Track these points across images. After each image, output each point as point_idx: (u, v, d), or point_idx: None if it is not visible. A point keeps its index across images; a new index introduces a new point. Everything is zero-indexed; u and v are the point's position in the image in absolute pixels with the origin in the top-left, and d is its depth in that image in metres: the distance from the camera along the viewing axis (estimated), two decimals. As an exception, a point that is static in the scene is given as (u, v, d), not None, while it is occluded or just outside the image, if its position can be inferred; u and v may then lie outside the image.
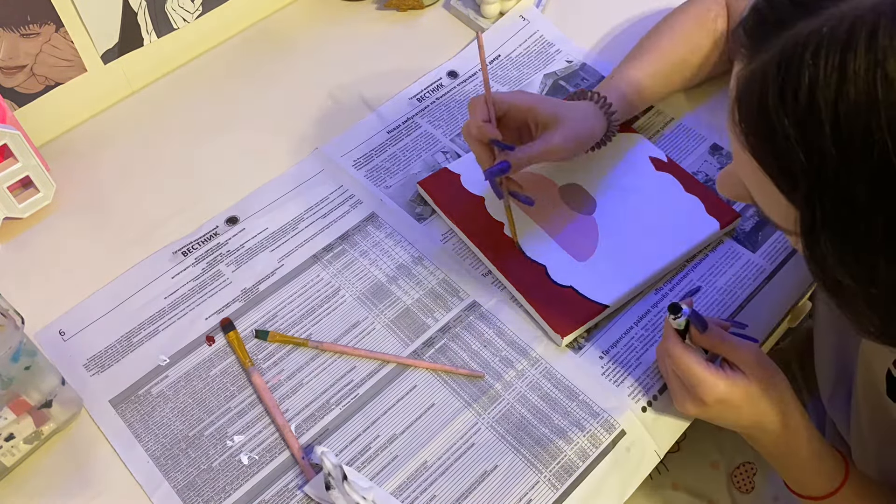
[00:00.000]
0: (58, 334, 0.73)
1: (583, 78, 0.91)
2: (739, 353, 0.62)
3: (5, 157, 0.76)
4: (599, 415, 0.67)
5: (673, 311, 0.62)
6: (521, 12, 0.97)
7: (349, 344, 0.72)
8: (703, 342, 0.63)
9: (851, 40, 0.37)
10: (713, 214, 0.76)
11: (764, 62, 0.41)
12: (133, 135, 0.88)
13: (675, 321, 0.63)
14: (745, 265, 0.76)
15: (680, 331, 0.63)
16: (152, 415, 0.68)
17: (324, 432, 0.67)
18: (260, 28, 0.98)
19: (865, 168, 0.38)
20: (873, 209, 0.38)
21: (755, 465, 0.82)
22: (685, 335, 0.64)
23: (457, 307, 0.74)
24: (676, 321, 0.63)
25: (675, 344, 0.63)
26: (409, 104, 0.89)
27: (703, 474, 0.84)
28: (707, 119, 0.85)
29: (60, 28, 0.80)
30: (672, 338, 0.64)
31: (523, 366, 0.70)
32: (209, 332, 0.73)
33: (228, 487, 0.65)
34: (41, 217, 0.80)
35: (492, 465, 0.65)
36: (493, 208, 0.78)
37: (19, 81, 0.81)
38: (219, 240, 0.79)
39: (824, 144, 0.38)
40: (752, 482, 0.82)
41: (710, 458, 0.84)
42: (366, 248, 0.78)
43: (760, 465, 0.82)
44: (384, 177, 0.83)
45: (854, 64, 0.37)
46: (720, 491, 0.83)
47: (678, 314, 0.62)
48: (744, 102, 0.43)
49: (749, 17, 0.44)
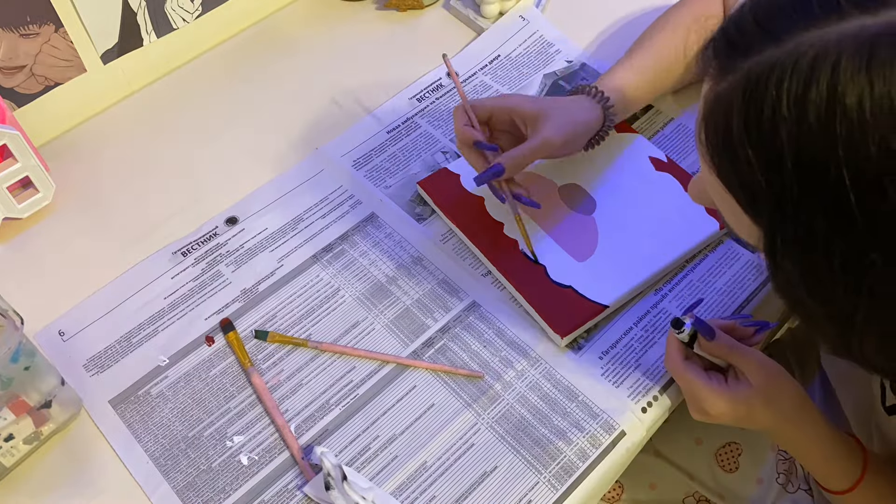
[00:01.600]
0: (57, 335, 0.73)
1: (583, 78, 0.90)
2: (743, 360, 0.63)
3: (5, 157, 0.75)
4: (599, 415, 0.67)
5: (676, 326, 0.63)
6: (520, 12, 0.97)
7: (349, 344, 0.72)
8: (712, 351, 0.64)
9: (813, 74, 0.37)
10: (713, 214, 0.76)
11: (730, 86, 0.42)
12: (133, 135, 0.88)
13: (680, 335, 0.63)
14: (745, 265, 0.76)
15: (686, 342, 0.64)
16: (152, 415, 0.68)
17: (323, 433, 0.67)
18: (260, 28, 0.98)
19: (824, 200, 0.38)
20: (831, 238, 0.39)
21: (741, 445, 0.83)
22: (692, 345, 0.64)
23: (457, 307, 0.74)
24: (681, 335, 0.63)
25: (675, 362, 0.64)
26: (409, 104, 0.89)
27: (687, 449, 0.84)
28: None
29: (60, 28, 0.80)
30: (673, 355, 0.64)
31: (523, 366, 0.70)
32: (209, 333, 0.73)
33: (228, 488, 0.65)
34: (41, 217, 0.80)
35: (491, 466, 0.65)
36: (493, 208, 0.78)
37: (19, 81, 0.81)
38: (218, 240, 0.79)
39: (785, 175, 0.39)
40: (736, 462, 0.82)
41: (694, 433, 0.84)
42: (365, 248, 0.78)
43: (747, 446, 0.83)
44: (384, 177, 0.83)
45: (815, 98, 0.37)
46: (702, 468, 0.83)
47: (681, 329, 0.62)
48: (710, 125, 0.43)
49: (718, 39, 0.45)
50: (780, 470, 0.81)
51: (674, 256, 0.74)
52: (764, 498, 0.80)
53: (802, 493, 0.79)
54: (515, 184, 0.73)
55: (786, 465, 0.81)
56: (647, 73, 0.79)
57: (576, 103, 0.74)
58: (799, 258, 0.41)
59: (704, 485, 0.83)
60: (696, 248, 0.75)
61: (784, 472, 0.81)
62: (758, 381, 0.61)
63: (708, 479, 0.83)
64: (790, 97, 0.38)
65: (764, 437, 0.83)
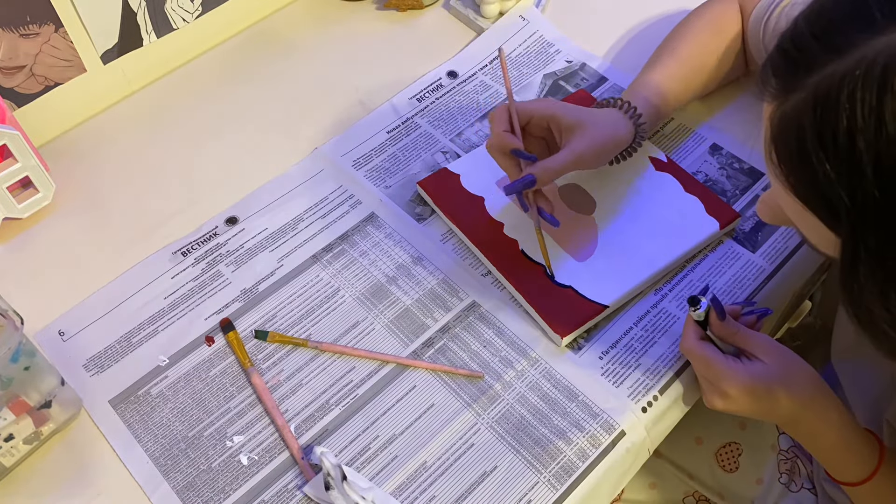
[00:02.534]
0: (57, 334, 0.73)
1: (582, 78, 0.91)
2: (756, 343, 0.63)
3: (5, 157, 0.76)
4: (599, 415, 0.67)
5: (692, 304, 0.63)
6: (520, 12, 0.97)
7: (349, 344, 0.72)
8: (722, 331, 0.64)
9: (886, 82, 0.37)
10: (713, 214, 0.76)
11: (798, 105, 0.42)
12: (133, 135, 0.88)
13: (696, 313, 0.64)
14: (745, 265, 0.76)
15: (700, 323, 0.64)
16: (152, 415, 0.68)
17: (323, 432, 0.67)
18: (260, 28, 0.98)
19: None
20: None
21: (741, 445, 0.83)
22: (705, 327, 0.64)
23: (456, 307, 0.74)
24: (696, 312, 0.63)
25: (692, 341, 0.64)
26: (409, 104, 0.89)
27: (687, 448, 0.84)
28: (707, 119, 0.85)
29: (60, 28, 0.80)
30: (690, 336, 0.65)
31: (523, 366, 0.70)
32: (209, 333, 0.73)
33: (228, 488, 0.65)
34: (41, 217, 0.80)
35: (491, 466, 0.65)
36: (494, 208, 0.78)
37: (19, 81, 0.81)
38: (218, 240, 0.79)
39: (867, 186, 0.39)
40: (736, 462, 0.82)
41: (694, 433, 0.84)
42: (365, 248, 0.78)
43: (747, 446, 0.83)
44: (384, 177, 0.83)
45: (891, 105, 0.37)
46: (702, 467, 0.83)
47: (697, 306, 0.63)
48: (781, 144, 0.43)
49: (776, 58, 0.45)
50: (782, 470, 0.81)
51: (674, 256, 0.74)
52: (766, 497, 0.80)
53: (806, 492, 0.79)
54: (542, 197, 0.72)
55: (788, 465, 0.81)
56: (675, 86, 0.78)
57: (610, 117, 0.73)
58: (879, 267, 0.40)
59: (704, 484, 0.83)
60: (696, 248, 0.75)
61: (787, 471, 0.81)
62: (772, 362, 0.61)
63: (708, 478, 0.83)
64: (865, 107, 0.38)
65: (764, 438, 0.83)
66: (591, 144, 0.70)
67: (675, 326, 0.72)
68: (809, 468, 0.80)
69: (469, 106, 0.89)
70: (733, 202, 0.79)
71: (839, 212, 0.41)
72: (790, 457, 0.81)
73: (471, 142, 0.86)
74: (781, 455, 0.81)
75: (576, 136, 0.70)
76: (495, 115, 0.71)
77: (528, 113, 0.71)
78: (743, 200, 0.80)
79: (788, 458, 0.81)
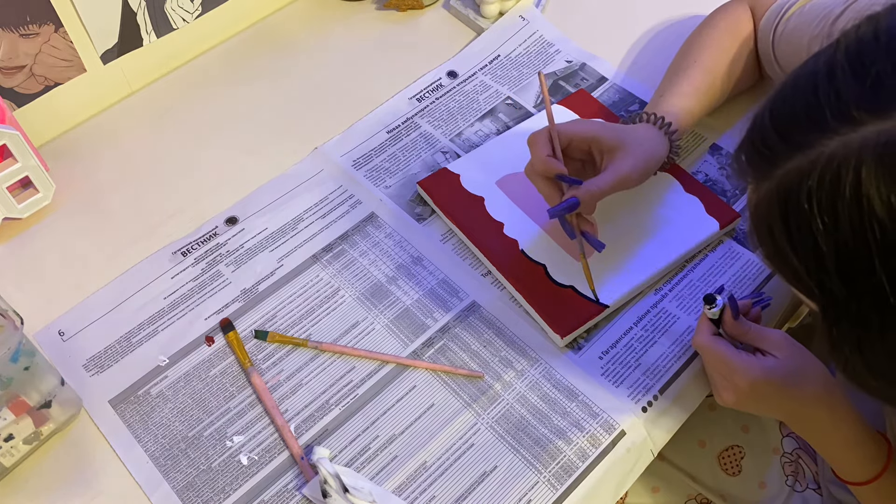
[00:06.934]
0: (57, 334, 0.73)
1: (582, 78, 0.91)
2: (769, 338, 0.63)
3: (5, 157, 0.76)
4: (599, 415, 0.67)
5: (708, 302, 0.64)
6: (520, 12, 0.97)
7: (349, 344, 0.72)
8: (736, 330, 0.64)
9: (839, 187, 0.39)
10: (713, 214, 0.76)
11: (767, 195, 0.43)
12: (132, 135, 0.88)
13: (711, 311, 0.64)
14: (745, 265, 0.75)
15: (714, 321, 0.65)
16: (151, 415, 0.68)
17: (323, 433, 0.67)
18: (260, 28, 0.98)
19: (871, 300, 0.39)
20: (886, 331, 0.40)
21: (744, 448, 0.83)
22: (718, 325, 0.65)
23: (456, 307, 0.74)
24: (712, 311, 0.64)
25: (705, 336, 0.64)
26: (409, 104, 0.89)
27: (690, 451, 0.84)
28: (707, 119, 0.84)
29: (60, 28, 0.80)
30: (703, 331, 0.65)
31: (523, 366, 0.70)
32: (209, 333, 0.73)
33: (228, 488, 0.65)
34: (40, 217, 0.80)
35: (491, 466, 0.65)
36: (493, 208, 0.78)
37: (19, 81, 0.81)
38: (218, 240, 0.79)
39: (833, 282, 0.40)
40: (739, 465, 0.82)
41: (697, 436, 0.84)
42: (365, 248, 0.78)
43: (749, 449, 0.83)
44: (384, 177, 0.83)
45: (844, 208, 0.39)
46: (705, 470, 0.83)
47: (713, 304, 0.64)
48: (759, 233, 0.45)
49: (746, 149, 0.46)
50: (787, 472, 0.81)
51: (674, 256, 0.74)
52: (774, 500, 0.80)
53: (811, 492, 0.79)
54: (585, 220, 0.70)
55: (792, 467, 0.81)
56: (701, 96, 0.78)
57: (648, 134, 0.72)
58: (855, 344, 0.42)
59: (707, 487, 0.83)
60: (696, 248, 0.75)
61: (791, 473, 0.80)
62: (785, 357, 0.62)
63: (710, 481, 0.83)
64: (821, 208, 0.39)
65: (767, 441, 0.83)
66: (634, 164, 0.69)
67: (675, 326, 0.72)
68: (814, 469, 0.80)
69: (469, 106, 0.89)
70: (733, 202, 0.79)
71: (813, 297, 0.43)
72: (794, 458, 0.81)
73: (471, 142, 0.86)
74: (785, 457, 0.81)
75: (618, 157, 0.69)
76: (536, 139, 0.70)
77: (568, 136, 0.70)
78: (743, 200, 0.80)
79: (792, 461, 0.81)
